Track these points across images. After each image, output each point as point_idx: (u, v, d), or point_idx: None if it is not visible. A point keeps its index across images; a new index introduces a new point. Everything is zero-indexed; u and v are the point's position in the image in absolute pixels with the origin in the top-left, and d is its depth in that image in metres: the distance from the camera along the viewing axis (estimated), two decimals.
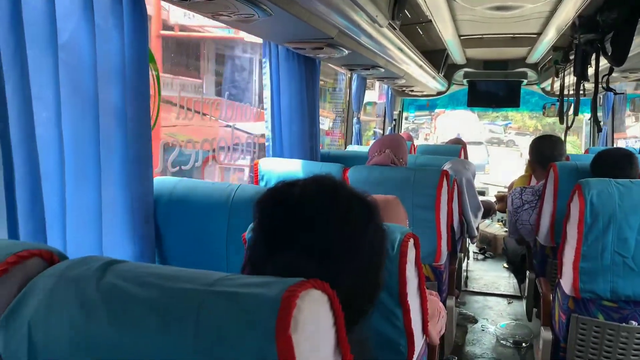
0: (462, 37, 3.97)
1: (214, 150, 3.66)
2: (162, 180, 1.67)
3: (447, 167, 2.92)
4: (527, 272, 2.91)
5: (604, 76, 2.48)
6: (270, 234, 0.83)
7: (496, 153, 17.62)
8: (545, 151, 2.78)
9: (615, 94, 3.35)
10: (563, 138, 3.41)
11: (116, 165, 1.48)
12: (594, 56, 2.47)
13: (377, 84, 7.26)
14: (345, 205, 0.83)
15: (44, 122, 1.24)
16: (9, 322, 0.69)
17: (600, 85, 2.47)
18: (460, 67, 5.15)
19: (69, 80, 1.29)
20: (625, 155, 2.16)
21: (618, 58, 2.10)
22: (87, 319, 0.64)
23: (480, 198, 4.56)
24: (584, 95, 2.70)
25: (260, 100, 4.50)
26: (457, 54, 4.43)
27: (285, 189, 0.85)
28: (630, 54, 2.16)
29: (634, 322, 1.91)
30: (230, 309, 0.60)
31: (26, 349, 0.67)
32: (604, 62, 2.46)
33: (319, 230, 0.80)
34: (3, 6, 1.09)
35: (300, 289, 0.60)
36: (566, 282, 1.95)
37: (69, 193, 1.31)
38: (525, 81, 5.56)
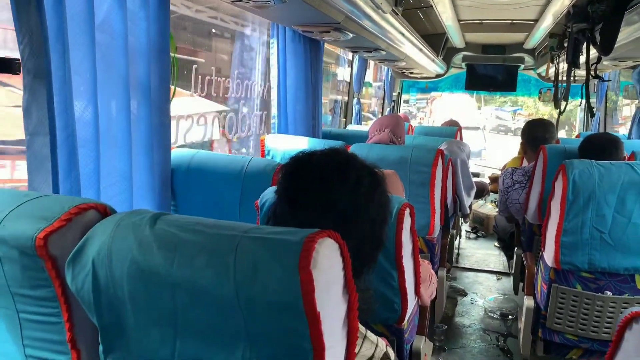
0: (461, 22, 4.08)
1: None
2: (180, 152, 1.81)
3: (442, 147, 3.06)
4: (515, 249, 3.08)
5: (593, 64, 2.62)
6: (292, 195, 0.97)
7: (502, 142, 16.10)
8: (537, 134, 2.91)
9: (603, 80, 3.49)
10: (556, 122, 3.57)
11: (142, 134, 1.63)
12: (585, 45, 2.60)
13: (371, 63, 7.26)
14: (356, 173, 0.98)
15: (81, 95, 1.38)
16: (75, 261, 0.84)
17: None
18: (459, 50, 5.26)
19: (102, 57, 1.43)
20: (611, 140, 2.30)
21: (606, 48, 2.23)
22: (144, 256, 0.79)
23: (475, 179, 4.74)
24: (575, 81, 2.83)
25: None
26: (456, 37, 4.55)
27: (306, 158, 1.00)
28: (617, 45, 2.30)
29: (608, 292, 2.08)
30: (262, 249, 0.75)
31: (91, 281, 0.82)
32: (594, 51, 2.59)
33: (334, 193, 0.95)
34: None
35: (318, 236, 0.75)
36: (548, 254, 2.12)
37: (102, 158, 1.46)
38: (522, 66, 5.67)
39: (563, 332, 2.20)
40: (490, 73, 5.73)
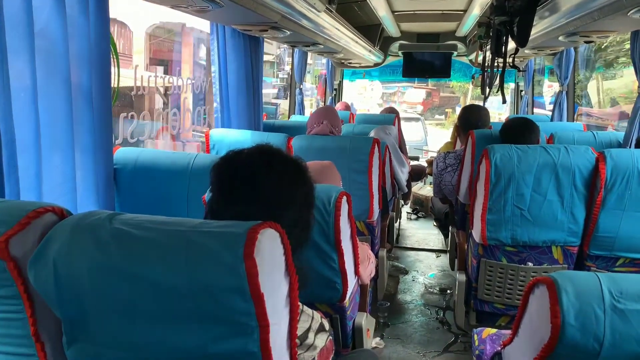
0: (395, 13, 4.24)
1: None
2: (125, 151, 1.86)
3: (371, 134, 3.22)
4: (450, 228, 3.30)
5: (512, 55, 2.84)
6: (225, 191, 1.08)
7: None
8: (471, 119, 3.11)
9: (519, 70, 3.74)
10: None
11: (83, 135, 1.66)
12: (505, 36, 2.81)
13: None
14: (280, 166, 1.09)
15: (22, 101, 1.41)
16: (37, 260, 0.91)
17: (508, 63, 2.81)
18: (396, 39, 5.45)
19: (43, 63, 1.46)
20: (524, 124, 2.52)
21: (522, 40, 2.43)
22: (102, 254, 0.88)
23: (414, 163, 4.95)
24: (498, 68, 3.04)
25: None
26: (391, 27, 4.72)
27: (234, 156, 1.10)
28: (532, 36, 2.50)
29: (530, 263, 2.31)
30: (211, 242, 0.85)
31: (53, 279, 0.89)
32: (513, 42, 2.80)
33: (262, 186, 1.06)
34: None
35: (260, 227, 0.85)
36: (476, 232, 2.32)
37: (44, 162, 1.50)
38: (455, 53, 5.93)
39: (492, 302, 2.41)
40: (426, 60, 5.95)
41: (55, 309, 0.92)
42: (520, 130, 2.48)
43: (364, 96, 16.70)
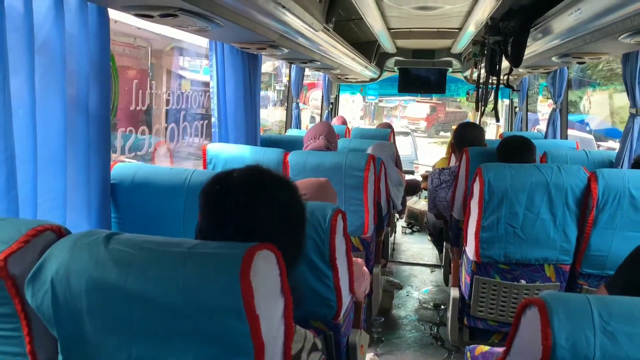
0: (391, 30, 4.29)
1: None
2: (123, 167, 1.88)
3: (369, 151, 3.25)
4: (444, 243, 3.31)
5: (505, 74, 2.88)
6: (213, 214, 1.07)
7: None
8: (466, 136, 3.14)
9: (513, 90, 3.79)
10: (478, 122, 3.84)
11: (79, 151, 1.67)
12: (498, 56, 2.85)
13: None
14: (270, 187, 1.08)
15: (20, 117, 1.42)
16: (35, 279, 0.92)
17: (501, 82, 2.86)
18: (391, 55, 5.50)
19: (42, 79, 1.47)
20: (522, 142, 2.55)
21: (515, 60, 2.48)
22: (100, 273, 0.89)
23: (408, 177, 4.98)
24: (492, 85, 3.08)
25: None
26: (387, 44, 4.76)
27: (223, 178, 1.09)
28: (526, 56, 2.55)
29: (523, 281, 2.32)
30: (207, 262, 0.86)
31: (50, 297, 0.91)
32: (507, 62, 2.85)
33: (252, 208, 1.04)
34: None
35: (256, 249, 0.87)
36: (470, 249, 2.34)
37: (40, 177, 1.51)
38: (450, 69, 5.99)
39: (485, 319, 2.42)
40: (422, 75, 6.00)
41: (52, 327, 0.93)
42: (518, 148, 2.51)
43: (345, 109, 16.82)
